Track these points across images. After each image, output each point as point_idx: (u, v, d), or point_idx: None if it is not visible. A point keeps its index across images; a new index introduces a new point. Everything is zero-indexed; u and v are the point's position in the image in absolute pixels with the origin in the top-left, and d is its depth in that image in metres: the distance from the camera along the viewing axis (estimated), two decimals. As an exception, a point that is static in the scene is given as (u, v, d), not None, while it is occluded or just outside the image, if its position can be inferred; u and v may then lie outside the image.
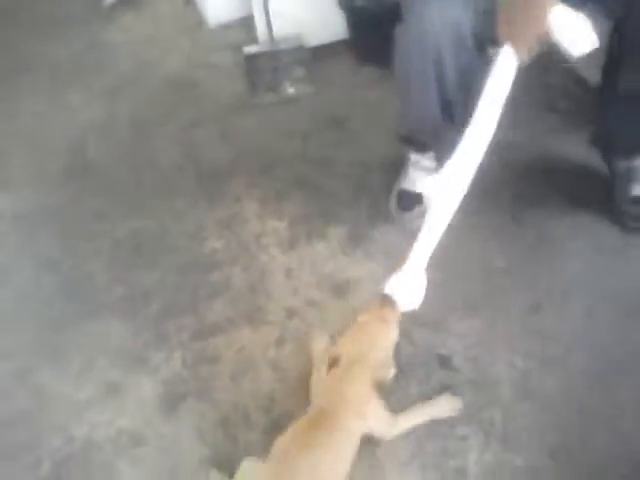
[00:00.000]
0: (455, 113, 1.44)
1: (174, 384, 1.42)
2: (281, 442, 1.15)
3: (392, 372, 1.26)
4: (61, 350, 1.51)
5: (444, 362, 1.38)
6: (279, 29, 2.21)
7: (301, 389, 1.32)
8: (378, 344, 1.24)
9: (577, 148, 1.74)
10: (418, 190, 1.65)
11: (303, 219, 1.72)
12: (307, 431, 1.15)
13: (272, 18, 2.16)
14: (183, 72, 2.30)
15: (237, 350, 1.46)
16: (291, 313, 1.51)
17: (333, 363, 1.20)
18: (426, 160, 1.63)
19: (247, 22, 2.34)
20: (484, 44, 1.34)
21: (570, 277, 1.51)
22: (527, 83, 1.25)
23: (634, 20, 1.30)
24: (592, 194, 1.66)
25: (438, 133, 1.49)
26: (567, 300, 1.47)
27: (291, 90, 2.13)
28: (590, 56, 1.35)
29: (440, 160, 1.62)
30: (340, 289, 1.55)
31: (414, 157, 1.64)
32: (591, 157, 1.69)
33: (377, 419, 1.21)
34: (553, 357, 1.37)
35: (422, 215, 1.63)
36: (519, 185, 1.71)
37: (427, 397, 1.31)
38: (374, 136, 1.92)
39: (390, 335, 1.26)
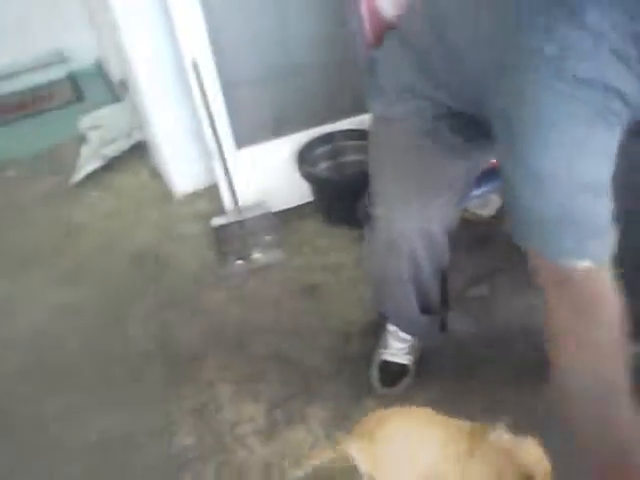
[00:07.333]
0: (432, 304, 1.41)
1: None
2: None
3: None
4: None
5: None
6: (244, 196, 2.21)
7: None
8: None
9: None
10: (401, 362, 1.56)
11: (282, 400, 1.60)
12: None
13: (236, 187, 2.16)
14: (151, 246, 2.25)
15: None
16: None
17: None
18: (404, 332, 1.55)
19: (213, 190, 2.34)
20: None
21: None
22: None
23: None
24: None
25: (416, 324, 1.45)
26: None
27: (261, 258, 2.09)
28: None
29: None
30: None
31: (392, 328, 1.56)
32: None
33: None
34: None
35: (408, 389, 1.55)
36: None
37: None
38: (349, 302, 1.85)
39: None
